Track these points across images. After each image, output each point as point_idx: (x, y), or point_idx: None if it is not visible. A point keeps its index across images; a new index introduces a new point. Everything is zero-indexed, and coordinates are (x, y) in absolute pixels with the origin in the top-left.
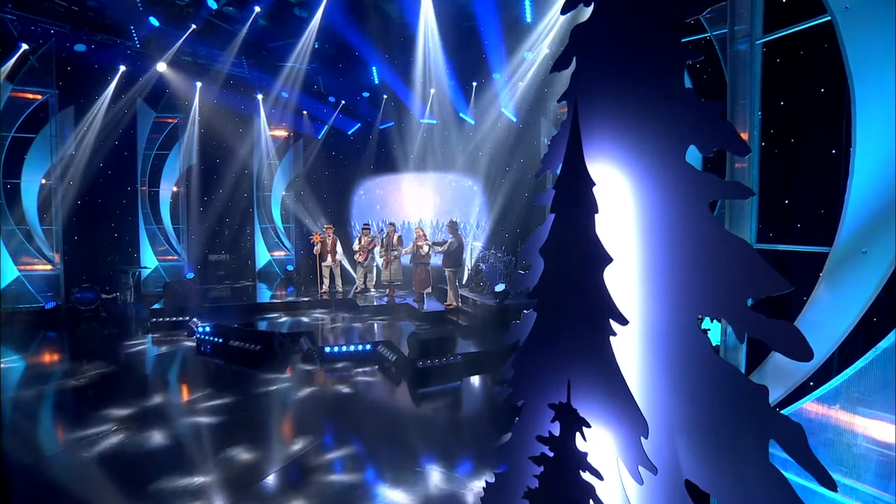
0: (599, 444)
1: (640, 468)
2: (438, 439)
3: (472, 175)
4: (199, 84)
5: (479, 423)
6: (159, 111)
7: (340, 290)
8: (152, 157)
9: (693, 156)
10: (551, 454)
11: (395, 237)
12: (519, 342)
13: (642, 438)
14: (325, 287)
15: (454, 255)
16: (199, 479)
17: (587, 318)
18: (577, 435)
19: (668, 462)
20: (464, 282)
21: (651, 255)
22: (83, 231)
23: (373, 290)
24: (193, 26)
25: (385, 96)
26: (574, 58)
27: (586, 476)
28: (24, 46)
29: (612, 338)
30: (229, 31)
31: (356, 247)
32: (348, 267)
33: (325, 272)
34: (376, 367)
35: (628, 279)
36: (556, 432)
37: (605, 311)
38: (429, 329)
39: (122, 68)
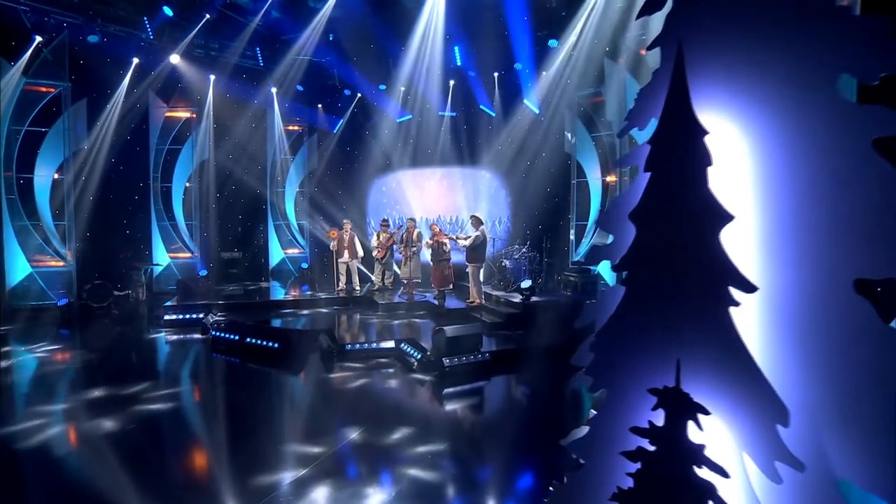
0: (711, 434)
1: (778, 464)
2: (473, 440)
3: (492, 169)
4: (212, 77)
5: (513, 422)
6: (172, 105)
7: (358, 287)
8: (164, 151)
9: None
10: (652, 448)
11: (415, 233)
12: (594, 325)
13: (779, 428)
14: (342, 284)
15: (479, 250)
16: (212, 487)
17: (700, 287)
18: (688, 424)
19: (811, 457)
20: (482, 279)
21: (779, 210)
22: (95, 227)
23: (391, 287)
24: (207, 16)
25: (402, 88)
26: None
27: (703, 473)
28: (38, 39)
29: (731, 308)
30: (243, 22)
31: (374, 243)
32: (361, 266)
33: (342, 269)
34: (399, 364)
35: (744, 240)
36: (658, 422)
37: (723, 278)
38: (454, 326)
39: (136, 61)
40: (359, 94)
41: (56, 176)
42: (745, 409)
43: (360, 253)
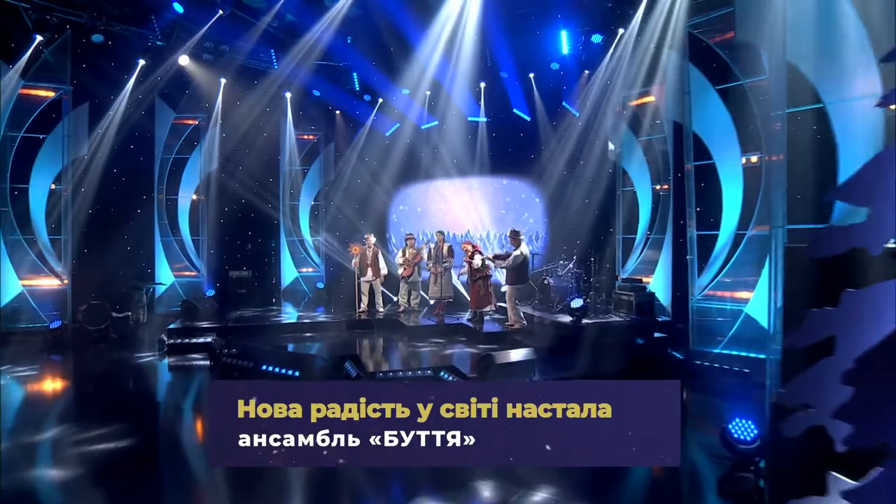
0: None
1: None
2: (586, 487)
3: (527, 178)
4: (222, 81)
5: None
6: (179, 111)
7: (382, 308)
8: (170, 161)
9: None
10: None
11: (445, 248)
12: (835, 341)
13: None
14: (364, 306)
15: (520, 270)
16: None
17: None
18: None
19: None
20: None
21: None
22: (93, 243)
23: (418, 309)
24: (220, 12)
25: (428, 93)
26: None
27: None
28: (39, 38)
29: None
30: (255, 24)
31: (399, 260)
32: (383, 288)
33: (365, 288)
34: None
35: None
36: None
37: None
38: (503, 352)
39: (142, 63)
40: (380, 100)
41: (53, 186)
42: None
43: (385, 271)
